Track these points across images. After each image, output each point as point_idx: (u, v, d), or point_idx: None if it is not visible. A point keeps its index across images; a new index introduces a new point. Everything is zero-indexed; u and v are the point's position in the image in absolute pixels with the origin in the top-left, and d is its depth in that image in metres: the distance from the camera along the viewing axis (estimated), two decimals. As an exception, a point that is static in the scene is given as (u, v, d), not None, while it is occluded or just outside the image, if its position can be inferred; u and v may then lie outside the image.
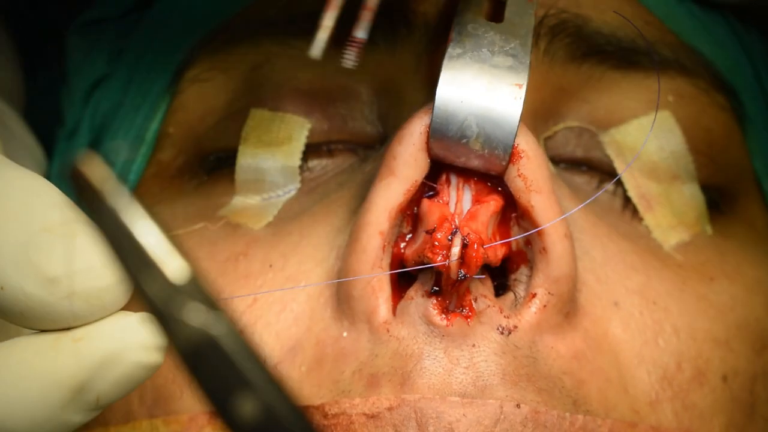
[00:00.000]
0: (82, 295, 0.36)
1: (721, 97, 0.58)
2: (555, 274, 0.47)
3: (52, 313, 0.36)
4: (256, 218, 0.54)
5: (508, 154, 0.47)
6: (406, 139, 0.48)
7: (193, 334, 0.26)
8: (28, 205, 0.37)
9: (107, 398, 0.37)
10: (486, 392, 0.45)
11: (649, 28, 0.58)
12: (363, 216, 0.48)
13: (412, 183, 0.48)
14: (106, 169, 0.29)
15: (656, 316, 0.51)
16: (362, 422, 0.45)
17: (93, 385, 0.36)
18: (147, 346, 0.37)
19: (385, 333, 0.46)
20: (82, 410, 0.37)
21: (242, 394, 0.26)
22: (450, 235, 0.46)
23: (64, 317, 0.36)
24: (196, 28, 0.60)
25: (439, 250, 0.46)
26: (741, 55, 0.61)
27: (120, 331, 0.37)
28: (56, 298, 0.36)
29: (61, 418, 0.37)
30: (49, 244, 0.36)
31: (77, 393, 0.36)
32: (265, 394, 0.25)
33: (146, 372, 0.37)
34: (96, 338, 0.36)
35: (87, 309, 0.36)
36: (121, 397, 0.37)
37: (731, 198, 0.58)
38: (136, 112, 0.62)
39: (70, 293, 0.36)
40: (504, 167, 0.47)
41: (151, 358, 0.37)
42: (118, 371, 0.37)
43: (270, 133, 0.55)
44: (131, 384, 0.37)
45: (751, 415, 0.52)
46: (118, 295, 0.37)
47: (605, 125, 0.56)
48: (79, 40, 0.67)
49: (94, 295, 0.36)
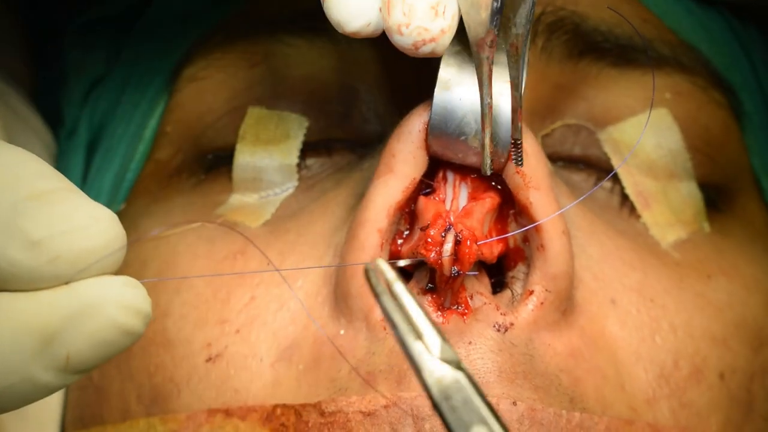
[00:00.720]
0: (67, 258, 0.35)
1: (719, 94, 0.58)
2: (552, 271, 0.47)
3: (36, 278, 0.35)
4: (253, 216, 0.54)
5: (506, 151, 0.47)
6: (405, 136, 0.48)
7: (444, 376, 0.36)
8: (15, 175, 0.36)
9: (79, 358, 0.36)
10: (482, 389, 0.45)
11: (647, 26, 0.58)
12: (361, 213, 0.47)
13: (410, 181, 0.48)
14: (392, 273, 0.38)
15: (653, 313, 0.51)
16: (359, 420, 0.45)
17: (65, 338, 0.35)
18: (127, 306, 0.36)
19: (382, 330, 0.46)
20: (52, 368, 0.36)
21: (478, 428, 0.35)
22: (443, 231, 0.46)
23: (48, 280, 0.35)
24: (194, 27, 0.60)
25: (432, 247, 0.46)
26: (739, 52, 0.61)
27: (99, 286, 0.36)
28: (40, 261, 0.35)
29: (28, 372, 0.35)
30: (35, 210, 0.35)
31: (47, 343, 0.35)
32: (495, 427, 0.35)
33: (123, 335, 0.36)
34: (73, 289, 0.36)
35: (71, 271, 0.35)
36: (95, 362, 0.36)
37: (729, 195, 0.58)
38: (134, 110, 0.62)
39: (55, 256, 0.35)
40: (503, 164, 0.47)
41: (129, 319, 0.36)
42: (93, 326, 0.36)
43: (267, 132, 0.56)
44: (107, 346, 0.36)
45: (748, 413, 0.52)
46: (105, 259, 0.36)
47: (603, 123, 0.56)
48: (78, 40, 0.67)
49: (80, 258, 0.35)
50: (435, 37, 0.41)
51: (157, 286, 0.52)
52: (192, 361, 0.50)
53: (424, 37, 0.41)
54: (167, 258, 0.53)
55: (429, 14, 0.41)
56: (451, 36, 0.42)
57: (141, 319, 0.36)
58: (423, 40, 0.41)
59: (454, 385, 0.36)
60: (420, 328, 0.36)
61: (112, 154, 0.62)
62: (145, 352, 0.52)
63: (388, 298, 0.37)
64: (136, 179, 0.60)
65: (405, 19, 0.41)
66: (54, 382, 0.36)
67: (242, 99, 0.57)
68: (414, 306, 0.37)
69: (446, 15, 0.41)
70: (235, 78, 0.57)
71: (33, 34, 0.70)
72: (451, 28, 0.41)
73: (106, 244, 0.36)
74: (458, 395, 0.35)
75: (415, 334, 0.36)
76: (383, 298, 0.37)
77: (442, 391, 0.35)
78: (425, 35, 0.41)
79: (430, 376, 0.36)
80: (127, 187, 0.60)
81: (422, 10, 0.41)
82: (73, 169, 0.64)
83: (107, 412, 0.53)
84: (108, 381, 0.53)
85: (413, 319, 0.37)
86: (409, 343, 0.36)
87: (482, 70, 0.43)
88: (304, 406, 0.46)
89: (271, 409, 0.47)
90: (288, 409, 0.46)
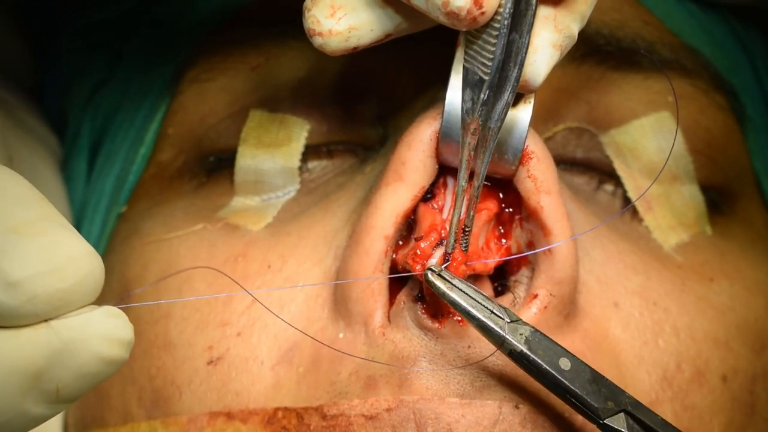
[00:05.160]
0: (44, 297, 0.36)
1: (721, 97, 0.58)
2: (559, 275, 0.47)
3: (15, 315, 0.36)
4: (255, 219, 0.54)
5: (518, 158, 0.46)
6: (416, 144, 0.47)
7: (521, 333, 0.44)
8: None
9: (68, 390, 0.37)
10: (484, 393, 0.45)
11: (649, 28, 0.58)
12: (367, 219, 0.47)
13: (419, 189, 0.48)
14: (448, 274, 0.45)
15: (656, 316, 0.50)
16: (361, 423, 0.45)
17: (53, 374, 0.36)
18: (108, 338, 0.37)
19: (381, 336, 0.46)
20: (43, 401, 0.37)
21: None
22: (435, 246, 0.46)
23: (28, 318, 0.36)
24: (196, 30, 0.60)
25: (420, 260, 0.46)
26: (740, 54, 0.61)
27: (81, 322, 0.37)
28: (18, 301, 0.36)
29: (21, 407, 0.36)
30: (14, 246, 0.36)
31: (36, 381, 0.36)
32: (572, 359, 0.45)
33: (107, 365, 0.37)
34: (56, 327, 0.36)
35: (50, 309, 0.36)
36: (84, 390, 0.37)
37: (731, 198, 0.58)
38: (136, 113, 0.62)
39: (32, 297, 0.36)
40: (513, 171, 0.47)
41: (112, 350, 0.37)
42: (78, 361, 0.37)
43: (269, 134, 0.55)
44: (93, 376, 0.37)
45: (750, 415, 0.52)
46: (82, 293, 0.37)
47: (605, 126, 0.56)
48: (79, 43, 0.67)
49: (57, 297, 0.36)
50: (322, 32, 0.43)
51: (158, 288, 0.52)
52: (193, 363, 0.50)
53: (314, 28, 0.43)
54: (169, 260, 0.53)
55: (326, 11, 0.43)
56: (341, 41, 0.43)
57: (124, 348, 0.38)
58: (312, 30, 0.43)
59: (534, 336, 0.44)
60: (488, 305, 0.44)
61: (114, 156, 0.62)
62: (146, 354, 0.52)
63: (454, 295, 0.44)
64: (138, 181, 0.60)
65: (309, 3, 0.43)
66: (47, 412, 0.37)
67: (244, 101, 0.57)
68: (473, 293, 0.44)
69: (341, 22, 0.43)
70: (237, 80, 0.57)
71: (34, 35, 0.70)
72: (340, 34, 0.43)
73: (83, 281, 0.37)
74: (540, 343, 0.44)
75: (488, 310, 0.44)
76: (452, 294, 0.44)
77: (527, 342, 0.43)
78: (316, 27, 0.43)
79: (514, 335, 0.44)
80: (128, 190, 0.60)
81: (323, 3, 0.43)
82: (77, 172, 0.64)
83: (108, 414, 0.53)
84: (109, 383, 0.53)
85: (480, 299, 0.44)
86: (486, 318, 0.44)
87: (463, 153, 0.44)
88: (306, 409, 0.46)
89: (272, 412, 0.47)
90: (289, 412, 0.46)
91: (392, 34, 0.44)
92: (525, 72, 0.43)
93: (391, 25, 0.44)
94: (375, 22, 0.43)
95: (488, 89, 0.42)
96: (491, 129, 0.43)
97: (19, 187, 0.38)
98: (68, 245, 0.37)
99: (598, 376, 0.44)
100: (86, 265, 0.37)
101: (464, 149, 0.44)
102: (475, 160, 0.45)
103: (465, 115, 0.44)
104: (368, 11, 0.43)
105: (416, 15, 0.43)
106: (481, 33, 0.42)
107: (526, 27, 0.42)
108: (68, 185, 0.64)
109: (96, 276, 0.37)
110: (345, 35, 0.43)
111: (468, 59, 0.43)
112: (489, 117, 0.43)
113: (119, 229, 0.59)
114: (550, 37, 0.43)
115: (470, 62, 0.43)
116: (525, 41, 0.42)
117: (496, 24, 0.41)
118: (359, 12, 0.43)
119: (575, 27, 0.44)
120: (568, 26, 0.43)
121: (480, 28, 0.41)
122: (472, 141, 0.44)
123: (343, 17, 0.43)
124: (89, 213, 0.62)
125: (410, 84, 0.55)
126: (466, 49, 0.43)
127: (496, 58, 0.42)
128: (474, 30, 0.42)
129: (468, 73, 0.43)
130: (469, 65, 0.43)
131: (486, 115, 0.43)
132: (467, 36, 0.43)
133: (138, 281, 0.54)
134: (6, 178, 0.38)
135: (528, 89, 0.44)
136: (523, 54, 0.42)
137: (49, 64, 0.70)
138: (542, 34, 0.43)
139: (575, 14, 0.44)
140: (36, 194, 0.38)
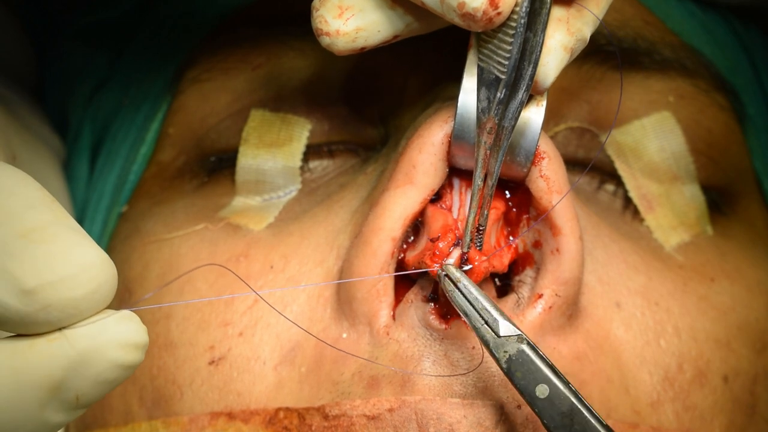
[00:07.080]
0: (58, 306, 0.36)
1: (722, 97, 0.58)
2: (565, 275, 0.47)
3: (29, 323, 0.36)
4: (256, 219, 0.54)
5: (530, 159, 0.46)
6: (427, 148, 0.47)
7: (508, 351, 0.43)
8: (3, 207, 0.36)
9: (87, 397, 0.37)
10: (487, 393, 0.45)
11: (650, 28, 0.58)
12: (376, 220, 0.47)
13: (429, 192, 0.47)
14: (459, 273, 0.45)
15: (658, 317, 0.51)
16: (363, 424, 0.45)
17: (71, 384, 0.36)
18: (124, 344, 0.37)
19: (385, 336, 0.46)
20: (63, 409, 0.37)
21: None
22: (452, 246, 0.46)
23: (42, 326, 0.36)
24: (196, 29, 0.60)
25: (438, 259, 0.46)
26: (741, 55, 0.61)
27: (97, 330, 0.37)
28: (33, 309, 0.36)
29: (41, 418, 0.37)
30: (25, 252, 0.36)
31: (55, 392, 0.36)
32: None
33: (125, 370, 0.37)
34: (71, 338, 0.36)
35: (64, 317, 0.36)
36: (104, 394, 0.37)
37: (732, 198, 0.58)
38: (137, 112, 0.62)
39: (46, 305, 0.36)
40: (525, 173, 0.47)
41: (128, 356, 0.37)
42: (95, 370, 0.37)
43: (270, 134, 0.55)
44: (111, 382, 0.37)
45: (751, 415, 0.52)
46: (96, 301, 0.37)
47: (606, 126, 0.56)
48: (80, 43, 0.67)
49: (71, 305, 0.36)
50: (330, 32, 0.43)
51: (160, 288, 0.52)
52: (195, 363, 0.50)
53: (321, 27, 0.43)
54: (170, 260, 0.53)
55: (333, 11, 0.43)
56: (348, 41, 0.43)
57: (140, 351, 0.38)
58: (320, 29, 0.43)
59: (518, 356, 0.42)
60: (486, 314, 0.43)
61: (115, 156, 0.62)
62: (147, 354, 0.51)
63: (459, 295, 0.44)
64: (139, 181, 0.60)
65: (317, 3, 0.44)
66: (67, 418, 0.37)
67: (245, 101, 0.57)
68: (478, 296, 0.44)
69: (349, 23, 0.43)
70: (238, 80, 0.57)
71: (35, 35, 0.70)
72: (347, 35, 0.43)
73: (96, 289, 0.37)
74: (522, 364, 0.43)
75: (482, 319, 0.43)
76: (454, 295, 0.44)
77: (508, 362, 0.43)
78: (323, 27, 0.43)
79: (497, 351, 0.43)
80: (129, 189, 0.60)
81: (331, 3, 0.43)
82: (79, 171, 0.64)
83: (109, 414, 0.53)
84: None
85: (479, 307, 0.44)
86: (478, 327, 0.43)
87: (479, 152, 0.44)
88: (308, 409, 0.46)
89: (273, 412, 0.47)
90: (291, 413, 0.46)
91: (400, 35, 0.44)
92: (536, 72, 0.43)
93: (401, 26, 0.44)
94: (383, 23, 0.43)
95: (505, 88, 0.42)
96: (505, 128, 0.44)
97: (30, 190, 0.37)
98: (82, 253, 0.36)
99: (576, 409, 0.42)
100: (100, 273, 0.37)
101: (480, 149, 0.44)
102: (488, 160, 0.45)
103: (481, 114, 0.44)
104: (376, 12, 0.43)
105: (428, 16, 0.43)
106: (496, 32, 0.42)
107: (541, 26, 0.42)
108: (70, 185, 0.64)
109: (110, 284, 0.37)
110: (352, 36, 0.43)
111: (483, 59, 0.43)
112: (504, 116, 0.43)
113: (120, 228, 0.59)
114: (563, 40, 0.43)
115: (485, 61, 0.43)
116: (539, 40, 0.42)
117: (511, 23, 0.41)
118: (367, 13, 0.43)
119: (587, 30, 0.44)
120: (580, 29, 0.43)
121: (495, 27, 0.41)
122: (488, 140, 0.44)
123: (351, 18, 0.43)
124: (90, 212, 0.62)
125: (411, 83, 0.55)
126: (480, 49, 0.43)
127: (513, 57, 0.42)
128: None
129: (483, 72, 0.43)
130: (484, 65, 0.43)
131: (501, 114, 0.43)
132: (480, 36, 0.43)
133: (139, 281, 0.54)
134: (16, 180, 0.38)
135: (538, 90, 0.44)
136: (537, 53, 0.42)
137: (49, 64, 0.70)
138: (555, 36, 0.43)
139: (587, 17, 0.44)
140: (46, 196, 0.38)
